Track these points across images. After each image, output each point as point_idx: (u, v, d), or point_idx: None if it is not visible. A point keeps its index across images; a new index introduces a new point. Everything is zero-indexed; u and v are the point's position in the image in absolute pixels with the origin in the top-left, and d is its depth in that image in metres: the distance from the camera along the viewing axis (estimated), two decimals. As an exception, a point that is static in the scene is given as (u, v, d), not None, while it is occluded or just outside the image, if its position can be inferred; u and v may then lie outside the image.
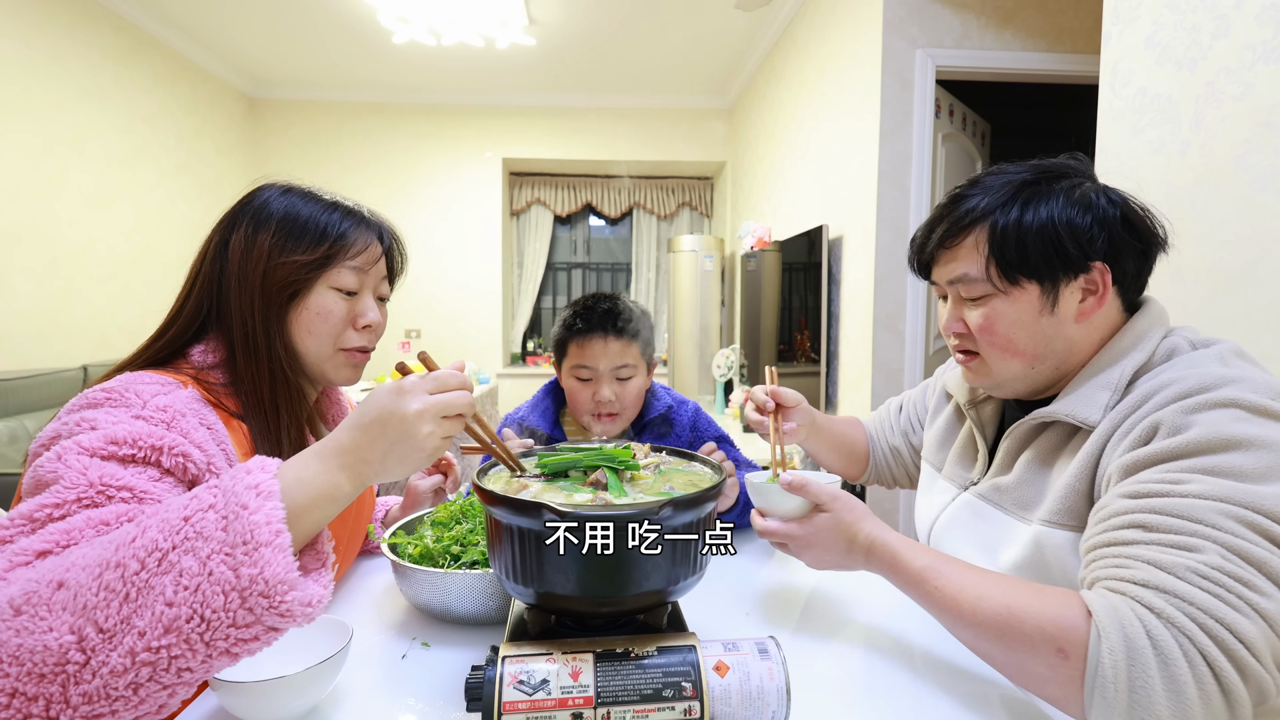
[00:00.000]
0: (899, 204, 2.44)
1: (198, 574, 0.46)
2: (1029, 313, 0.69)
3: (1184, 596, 0.48)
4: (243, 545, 0.47)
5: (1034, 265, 0.68)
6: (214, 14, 3.59)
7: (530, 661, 0.52)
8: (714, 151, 4.94)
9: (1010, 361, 0.72)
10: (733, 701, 0.52)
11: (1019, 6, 2.39)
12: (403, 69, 4.29)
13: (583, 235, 5.54)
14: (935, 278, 0.78)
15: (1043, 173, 0.71)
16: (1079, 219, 0.67)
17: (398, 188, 4.81)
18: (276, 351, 0.75)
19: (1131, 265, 0.69)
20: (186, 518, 0.48)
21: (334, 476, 0.53)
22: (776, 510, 0.76)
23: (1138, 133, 1.33)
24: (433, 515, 0.88)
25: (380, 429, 0.54)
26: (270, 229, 0.75)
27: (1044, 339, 0.70)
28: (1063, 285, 0.68)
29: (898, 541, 0.68)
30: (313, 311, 0.76)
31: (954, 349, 0.79)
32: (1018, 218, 0.68)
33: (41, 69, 3.01)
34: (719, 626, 0.77)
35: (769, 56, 3.83)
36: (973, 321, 0.73)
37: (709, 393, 4.43)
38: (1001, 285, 0.69)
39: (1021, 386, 0.75)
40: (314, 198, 0.80)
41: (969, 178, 0.76)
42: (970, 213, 0.71)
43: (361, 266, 0.79)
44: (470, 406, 0.58)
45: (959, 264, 0.73)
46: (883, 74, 2.38)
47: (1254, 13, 1.06)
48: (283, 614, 0.48)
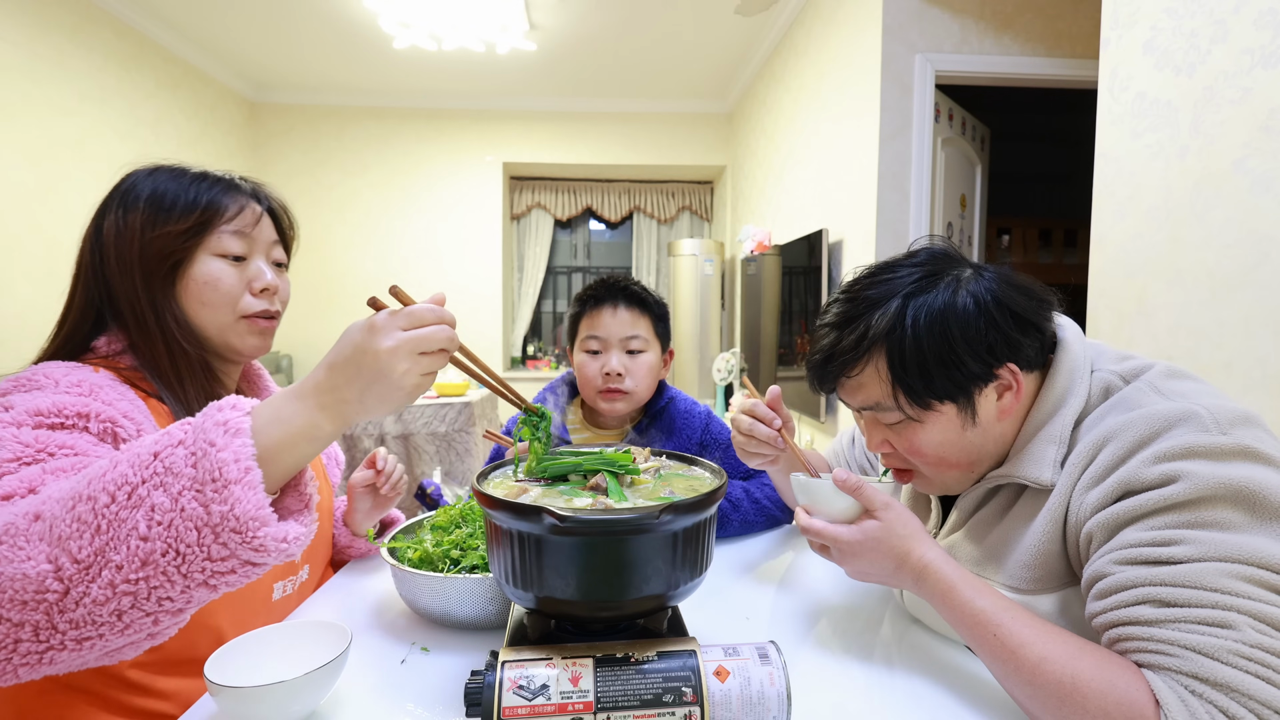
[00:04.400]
0: (899, 208, 2.44)
1: (169, 510, 0.46)
2: (952, 431, 0.68)
3: (1240, 689, 0.48)
4: (211, 483, 0.47)
5: (942, 388, 0.65)
6: (216, 18, 3.61)
7: (530, 666, 0.51)
8: (714, 155, 4.95)
9: (948, 473, 0.71)
10: (733, 707, 0.52)
11: (1018, 11, 2.40)
12: (404, 74, 4.30)
13: (583, 239, 5.55)
14: (843, 399, 0.74)
15: (923, 273, 0.68)
16: (972, 327, 0.64)
17: (398, 192, 4.82)
18: (168, 325, 0.74)
19: (1031, 346, 0.67)
20: (156, 453, 0.48)
21: (312, 416, 0.52)
22: (823, 510, 0.72)
23: (1137, 137, 1.33)
24: (432, 519, 0.88)
25: (355, 368, 0.52)
26: (139, 208, 0.74)
27: (974, 448, 0.69)
28: (977, 396, 0.66)
29: (955, 574, 0.64)
30: (200, 281, 0.76)
31: (886, 464, 0.77)
32: (912, 340, 0.65)
33: (44, 73, 3.03)
34: (719, 631, 0.77)
35: (769, 61, 3.85)
36: (899, 444, 0.71)
37: (709, 396, 4.43)
38: (915, 413, 0.67)
39: (968, 484, 0.73)
40: (181, 172, 0.79)
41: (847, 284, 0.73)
42: (864, 340, 0.68)
43: (242, 230, 0.78)
44: (450, 341, 0.55)
45: (865, 392, 0.70)
46: (882, 78, 2.38)
47: (1252, 18, 1.07)
48: (256, 549, 0.48)
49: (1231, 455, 0.55)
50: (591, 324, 1.14)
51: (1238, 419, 0.57)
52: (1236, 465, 0.55)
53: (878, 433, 0.73)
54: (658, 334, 1.16)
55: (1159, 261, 1.28)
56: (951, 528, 0.77)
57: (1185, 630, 0.51)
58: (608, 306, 1.13)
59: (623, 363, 1.12)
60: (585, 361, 1.14)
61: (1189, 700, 0.49)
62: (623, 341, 1.12)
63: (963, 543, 0.74)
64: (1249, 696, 0.48)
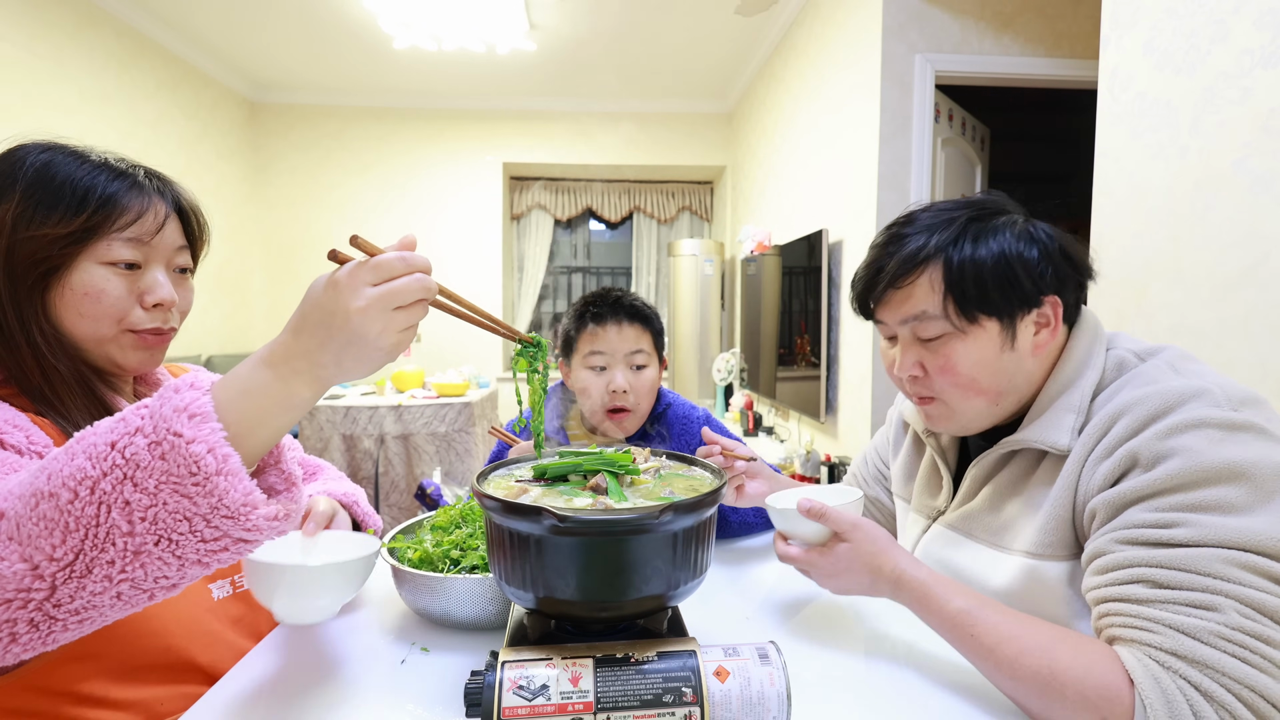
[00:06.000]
0: (898, 208, 2.42)
1: (150, 505, 0.45)
2: (990, 350, 0.69)
3: (1217, 667, 0.49)
4: (190, 477, 0.45)
5: (993, 302, 0.67)
6: (216, 19, 3.61)
7: (530, 667, 0.51)
8: (714, 155, 4.95)
9: (973, 400, 0.71)
10: (733, 707, 0.52)
11: (1018, 11, 2.40)
12: (404, 74, 4.30)
13: (583, 239, 5.55)
14: (883, 318, 0.75)
15: (981, 209, 0.71)
16: (1028, 253, 0.67)
17: (398, 192, 4.83)
18: (35, 338, 0.64)
19: (1072, 296, 0.70)
20: (113, 443, 0.45)
21: (287, 384, 0.49)
22: (798, 535, 0.74)
23: (1136, 137, 1.33)
24: (432, 519, 0.88)
25: (325, 332, 0.48)
26: (14, 197, 0.62)
27: (1006, 375, 0.70)
28: (1019, 320, 0.68)
29: (929, 578, 0.66)
30: (78, 291, 0.65)
31: (911, 395, 0.77)
32: (971, 254, 0.67)
33: (44, 73, 3.03)
34: (719, 631, 0.77)
35: (769, 61, 3.85)
36: (932, 364, 0.71)
37: (709, 396, 4.43)
38: (960, 324, 0.68)
39: (985, 423, 0.74)
40: (79, 157, 0.67)
41: (905, 214, 0.75)
42: (922, 250, 0.69)
43: (138, 237, 0.67)
44: (427, 290, 0.50)
45: (913, 303, 0.70)
46: (882, 79, 2.38)
47: (1252, 18, 1.07)
48: (249, 528, 0.48)
49: (1240, 429, 0.56)
50: (595, 340, 1.10)
51: (1248, 399, 0.59)
52: (1244, 441, 0.56)
53: (912, 353, 0.73)
54: (657, 348, 1.15)
55: (1159, 261, 1.28)
56: (964, 497, 0.78)
57: (1171, 610, 0.53)
58: (612, 323, 1.10)
59: (628, 379, 1.10)
60: (589, 379, 1.11)
61: (1161, 677, 0.51)
62: (628, 358, 1.10)
63: (979, 511, 0.75)
64: (1223, 674, 0.49)
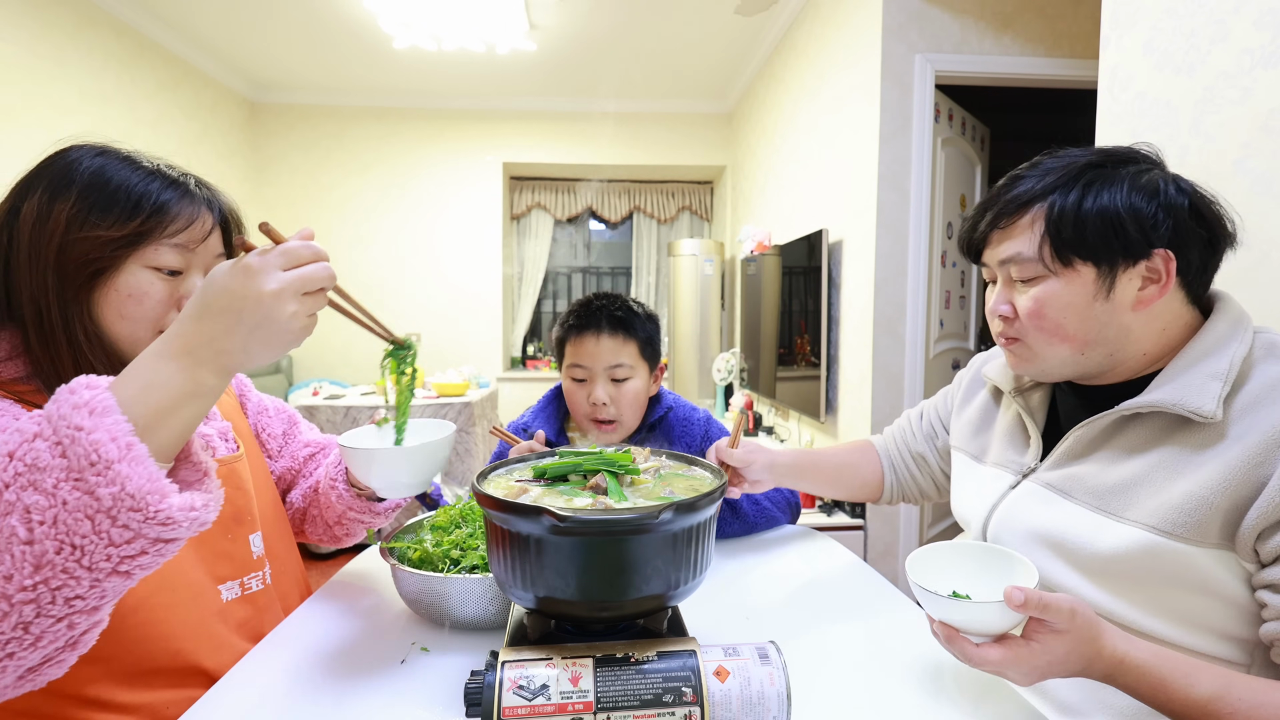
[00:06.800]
0: (898, 208, 2.44)
1: (49, 506, 0.43)
2: (1082, 296, 0.67)
3: None
4: (90, 467, 0.43)
5: (1091, 247, 0.65)
6: (216, 19, 3.61)
7: (530, 667, 0.51)
8: (714, 155, 4.95)
9: (1057, 346, 0.70)
10: (733, 707, 0.52)
11: (1017, 11, 2.40)
12: (404, 74, 4.30)
13: (583, 239, 5.54)
14: (986, 259, 0.76)
15: (1108, 156, 0.69)
16: (1143, 204, 0.64)
17: (398, 192, 4.82)
18: (77, 337, 0.64)
19: (1197, 256, 0.67)
20: (11, 453, 0.44)
21: (192, 374, 0.49)
22: (978, 628, 0.57)
23: (1136, 137, 1.33)
24: (432, 520, 0.88)
25: (234, 317, 0.49)
26: (70, 197, 0.64)
27: (1096, 325, 0.68)
28: (1121, 270, 0.65)
29: (1155, 660, 0.57)
30: (123, 293, 0.66)
31: (998, 334, 0.77)
32: (1078, 199, 0.66)
33: (44, 74, 3.03)
34: (719, 631, 0.77)
35: (769, 61, 3.85)
36: (1021, 305, 0.71)
37: (709, 396, 4.43)
38: (1054, 266, 0.67)
39: (1068, 372, 0.73)
40: (132, 163, 0.69)
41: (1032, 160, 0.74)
42: (1028, 193, 0.69)
43: (185, 244, 0.69)
44: (330, 279, 0.53)
45: (1012, 243, 0.70)
46: (882, 78, 2.38)
47: (1252, 18, 1.07)
48: (164, 523, 0.45)
49: None
50: (575, 351, 1.10)
51: None
52: None
53: (1005, 293, 0.73)
54: (645, 356, 1.12)
55: (1159, 261, 1.28)
56: (1067, 456, 0.74)
57: None
58: (590, 333, 1.09)
59: (608, 392, 1.09)
60: (572, 389, 1.12)
61: None
62: (607, 370, 1.09)
63: (1087, 473, 0.70)
64: None
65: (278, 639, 0.74)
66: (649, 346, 1.13)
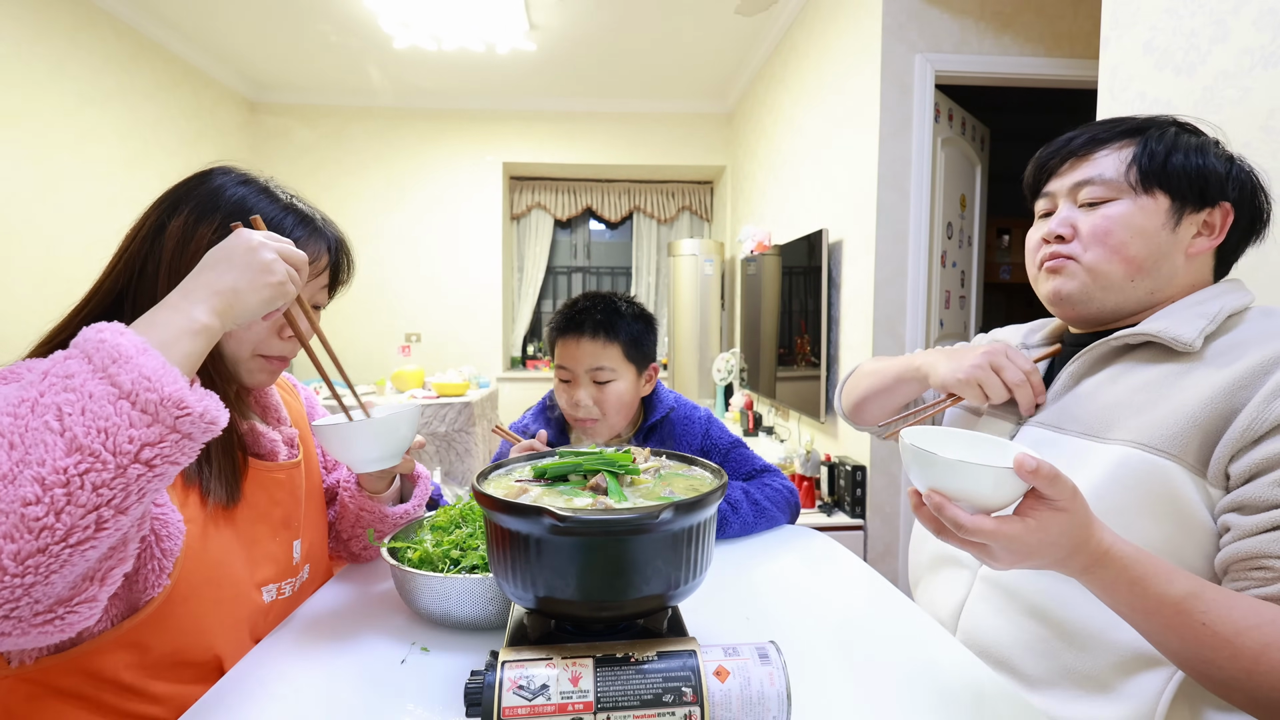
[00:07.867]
0: (898, 208, 2.44)
1: (77, 400, 0.48)
2: (1153, 222, 0.71)
3: None
4: (113, 363, 0.49)
5: (1174, 179, 0.71)
6: (215, 19, 3.61)
7: (530, 667, 0.51)
8: (714, 156, 4.95)
9: (1114, 265, 0.73)
10: (733, 707, 0.52)
11: (1017, 11, 2.40)
12: (404, 73, 4.30)
13: (583, 239, 5.55)
14: (1051, 188, 0.79)
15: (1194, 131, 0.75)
16: (1220, 165, 0.71)
17: (398, 191, 4.82)
18: None
19: (1244, 222, 0.73)
20: (46, 372, 0.50)
21: (187, 313, 0.56)
22: (977, 500, 0.54)
23: (1137, 137, 1.33)
24: (432, 519, 0.88)
25: (226, 259, 0.59)
26: (214, 223, 0.69)
27: (1155, 254, 0.72)
28: (1188, 212, 0.71)
29: (1139, 555, 0.57)
30: None
31: (1046, 257, 0.78)
32: (1171, 140, 0.72)
33: (43, 74, 3.03)
34: (719, 631, 0.77)
35: (769, 61, 3.85)
36: (1088, 223, 0.74)
37: (709, 396, 4.43)
38: (1136, 187, 0.72)
39: (1107, 300, 0.75)
40: (270, 195, 0.75)
41: None
42: (1125, 122, 0.75)
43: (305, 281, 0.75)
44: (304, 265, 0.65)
45: (1093, 166, 0.75)
46: (882, 79, 2.38)
47: (1252, 18, 1.07)
48: (179, 404, 0.50)
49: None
50: (561, 353, 1.12)
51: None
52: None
53: (1069, 215, 0.77)
54: (630, 359, 1.11)
55: (1159, 261, 1.28)
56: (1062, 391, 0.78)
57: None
58: (572, 336, 1.10)
59: (590, 394, 1.09)
60: (560, 390, 1.14)
61: None
62: (589, 372, 1.09)
63: (1075, 403, 0.75)
64: None
65: (278, 639, 0.74)
66: (634, 348, 1.12)
